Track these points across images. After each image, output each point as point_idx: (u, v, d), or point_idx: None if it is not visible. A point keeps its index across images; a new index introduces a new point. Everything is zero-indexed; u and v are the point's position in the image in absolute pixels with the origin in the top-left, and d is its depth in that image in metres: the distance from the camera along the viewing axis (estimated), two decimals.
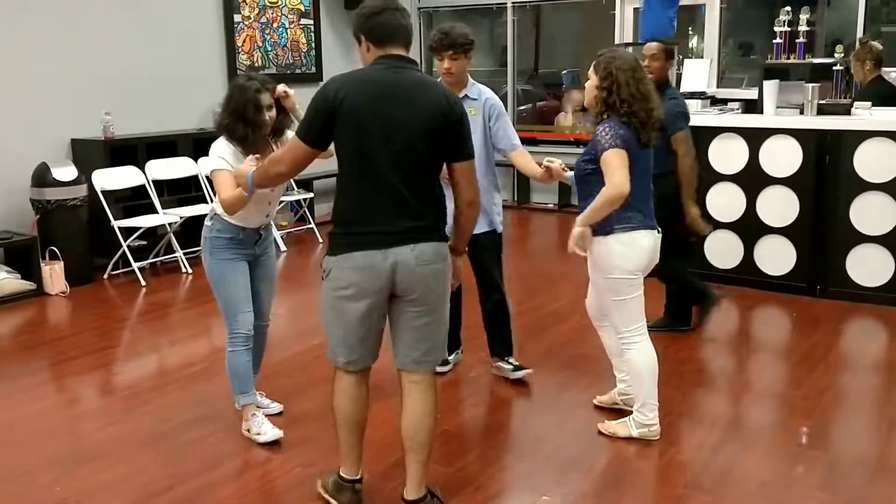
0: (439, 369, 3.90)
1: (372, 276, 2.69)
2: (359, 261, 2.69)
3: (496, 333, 4.24)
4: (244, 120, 3.35)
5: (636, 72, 3.35)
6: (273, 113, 3.44)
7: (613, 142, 3.28)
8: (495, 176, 4.14)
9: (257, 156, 3.24)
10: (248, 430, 3.61)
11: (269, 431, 3.57)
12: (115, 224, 6.24)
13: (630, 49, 6.45)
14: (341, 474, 3.02)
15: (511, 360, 4.20)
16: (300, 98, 3.51)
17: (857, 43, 6.35)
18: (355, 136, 2.66)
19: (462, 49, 3.84)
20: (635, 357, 3.51)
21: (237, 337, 3.54)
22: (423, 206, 2.73)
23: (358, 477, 3.02)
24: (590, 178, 3.42)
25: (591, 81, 3.42)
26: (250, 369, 3.61)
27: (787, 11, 6.63)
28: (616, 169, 3.25)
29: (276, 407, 3.88)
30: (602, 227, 3.39)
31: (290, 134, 3.38)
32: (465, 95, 3.94)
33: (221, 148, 3.39)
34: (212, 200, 7.06)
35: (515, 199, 9.21)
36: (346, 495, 3.00)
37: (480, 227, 4.04)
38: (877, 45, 6.18)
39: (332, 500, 3.03)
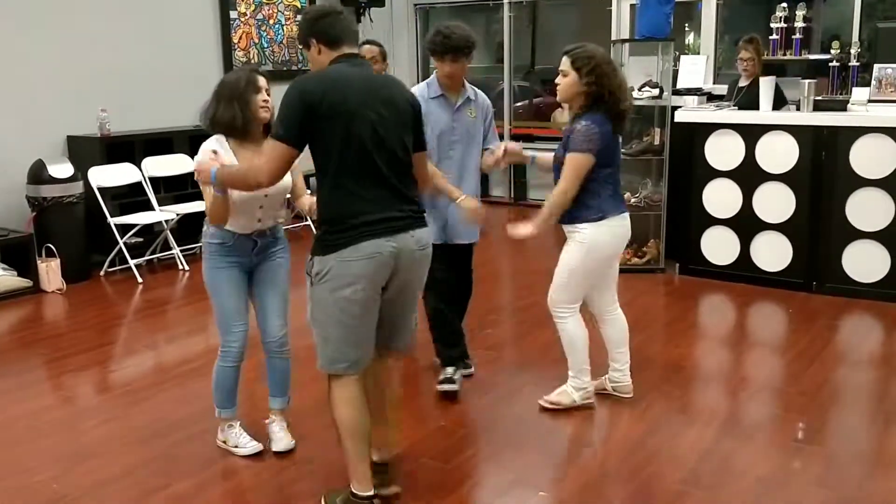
0: (450, 388, 3.98)
1: (380, 265, 2.69)
2: (367, 250, 2.66)
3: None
4: (239, 100, 3.18)
5: (613, 65, 3.57)
6: (269, 105, 3.29)
7: (588, 146, 3.43)
8: None
9: (217, 152, 3.09)
10: (225, 442, 3.46)
11: (248, 444, 3.43)
12: (112, 221, 6.23)
13: (627, 45, 6.45)
14: (354, 491, 2.85)
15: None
16: None
17: (746, 40, 6.35)
18: (346, 132, 2.66)
19: (465, 53, 3.79)
20: (571, 329, 3.71)
21: (228, 353, 3.32)
22: (412, 193, 2.84)
23: (372, 493, 2.87)
24: None
25: (571, 77, 3.51)
26: (236, 385, 3.42)
27: (784, 7, 6.64)
28: (574, 174, 3.46)
29: (283, 443, 3.47)
30: (593, 213, 3.53)
31: None
32: (467, 98, 3.92)
33: (207, 145, 3.20)
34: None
35: (511, 195, 9.23)
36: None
37: (473, 237, 4.04)
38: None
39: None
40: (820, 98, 5.71)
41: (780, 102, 5.96)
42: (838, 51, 6.45)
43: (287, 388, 3.53)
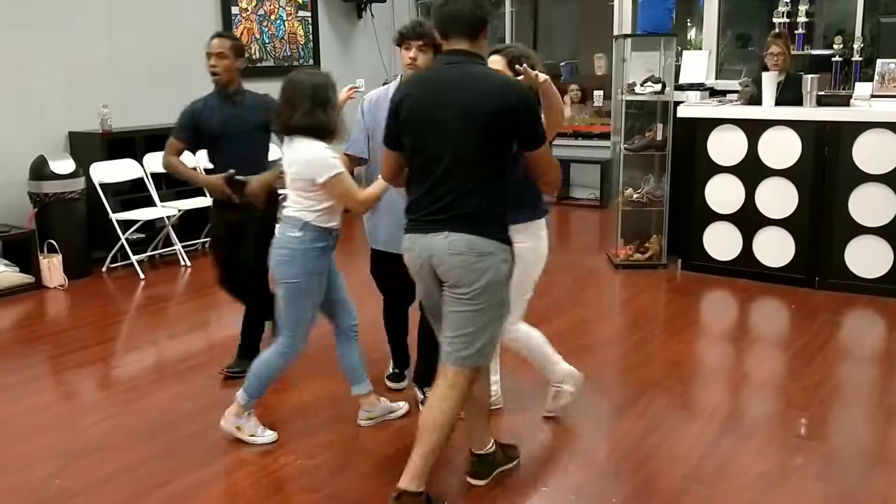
0: (394, 385, 3.99)
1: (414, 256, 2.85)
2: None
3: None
4: (330, 105, 3.25)
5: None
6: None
7: None
8: None
9: None
10: (239, 429, 3.49)
11: (266, 433, 3.51)
12: (114, 217, 6.23)
13: (629, 41, 6.43)
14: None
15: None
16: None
17: (774, 35, 6.31)
18: (413, 135, 2.75)
19: (432, 41, 3.64)
20: (531, 336, 3.56)
21: (296, 351, 3.43)
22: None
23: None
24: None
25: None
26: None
27: (786, 3, 6.63)
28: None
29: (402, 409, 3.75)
30: (542, 211, 3.38)
31: None
32: None
33: (328, 149, 3.22)
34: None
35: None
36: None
37: None
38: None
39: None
40: (823, 93, 5.70)
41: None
42: (841, 46, 6.44)
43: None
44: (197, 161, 6.88)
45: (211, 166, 4.29)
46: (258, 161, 4.15)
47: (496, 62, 3.13)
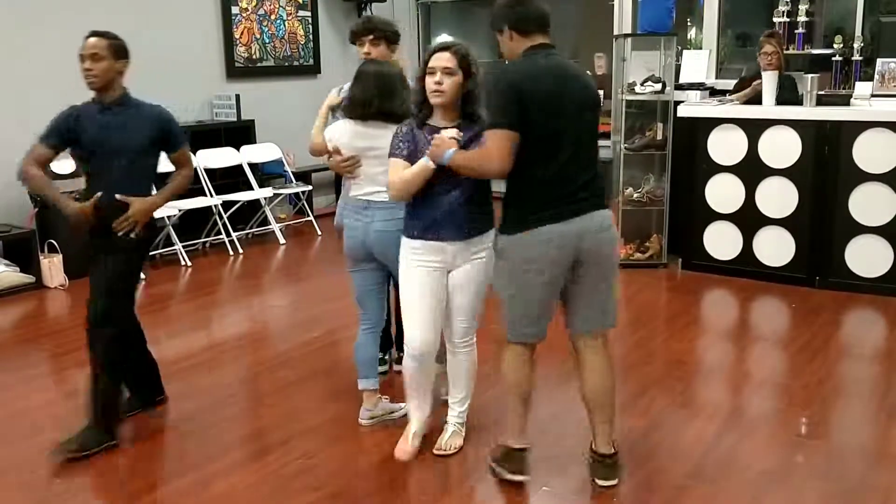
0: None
1: (564, 245, 2.89)
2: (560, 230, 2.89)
3: None
4: (408, 96, 3.34)
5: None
6: None
7: None
8: None
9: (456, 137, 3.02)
10: (373, 418, 3.63)
11: (401, 405, 3.62)
12: None
13: (629, 40, 6.43)
14: (510, 445, 3.17)
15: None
16: (299, 91, 3.54)
17: (767, 34, 6.31)
18: (546, 119, 2.83)
19: (384, 35, 3.77)
20: (474, 356, 3.46)
21: (381, 325, 3.67)
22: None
23: (526, 445, 3.18)
24: None
25: (457, 78, 3.04)
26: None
27: (787, 2, 6.63)
28: None
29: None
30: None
31: None
32: None
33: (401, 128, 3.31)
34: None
35: None
36: (514, 463, 3.15)
37: None
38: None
39: (501, 469, 3.16)
40: (823, 93, 5.70)
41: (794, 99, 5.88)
42: (841, 45, 6.44)
43: None
44: (197, 161, 6.88)
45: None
46: (139, 183, 3.52)
47: (447, 59, 3.05)
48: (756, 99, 5.86)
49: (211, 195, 6.92)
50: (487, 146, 2.86)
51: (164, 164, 3.70)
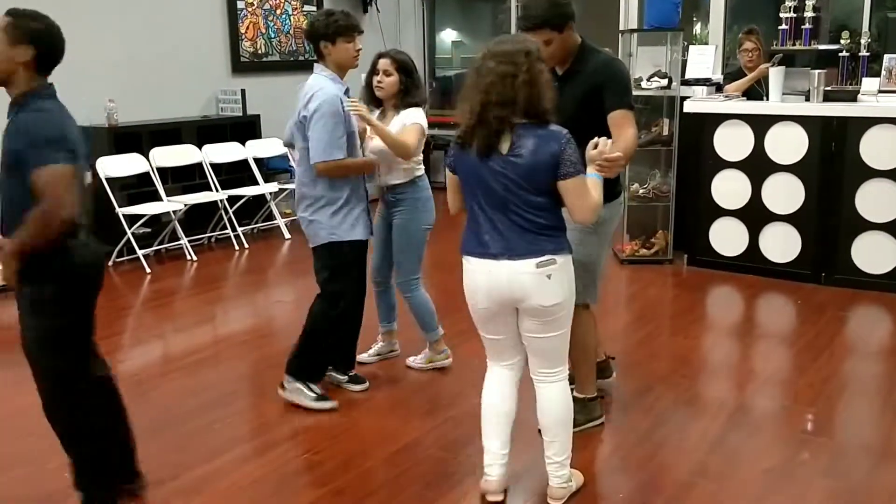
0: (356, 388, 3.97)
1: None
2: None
3: None
4: None
5: None
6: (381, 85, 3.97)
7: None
8: None
9: None
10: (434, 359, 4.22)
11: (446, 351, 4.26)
12: (120, 211, 6.24)
13: (635, 35, 6.41)
14: (592, 395, 3.55)
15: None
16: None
17: (746, 32, 6.33)
18: None
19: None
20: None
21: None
22: None
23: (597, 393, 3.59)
24: None
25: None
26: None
27: None
28: None
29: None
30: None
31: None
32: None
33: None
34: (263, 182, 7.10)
35: None
36: (599, 407, 3.58)
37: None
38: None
39: (594, 422, 3.54)
40: (829, 88, 5.67)
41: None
42: (848, 41, 6.40)
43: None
44: (203, 155, 6.89)
45: None
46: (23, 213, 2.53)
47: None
48: (754, 94, 5.86)
49: (216, 190, 6.93)
50: (632, 127, 3.20)
51: (166, 160, 3.70)
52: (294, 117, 3.68)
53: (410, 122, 3.85)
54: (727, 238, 5.89)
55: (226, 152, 7.15)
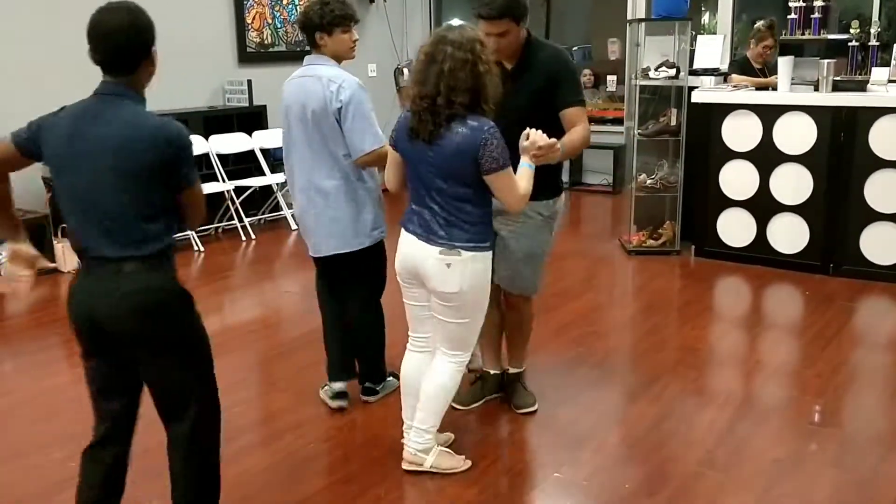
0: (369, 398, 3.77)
1: None
2: None
3: None
4: None
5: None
6: None
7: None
8: None
9: None
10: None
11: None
12: None
13: (643, 25, 6.38)
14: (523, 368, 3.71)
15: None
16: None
17: (768, 27, 6.33)
18: None
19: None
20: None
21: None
22: None
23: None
24: None
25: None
26: None
27: None
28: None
29: None
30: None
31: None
32: None
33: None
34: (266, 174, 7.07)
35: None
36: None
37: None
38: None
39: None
40: (839, 78, 5.64)
41: None
42: (858, 30, 6.36)
43: None
44: (210, 146, 6.89)
45: None
46: None
47: None
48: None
49: (223, 180, 6.93)
50: (585, 122, 3.18)
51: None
52: (312, 109, 3.36)
53: None
54: (735, 229, 5.87)
55: (232, 143, 7.15)
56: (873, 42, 6.37)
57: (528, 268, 3.38)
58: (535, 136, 2.86)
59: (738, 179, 5.79)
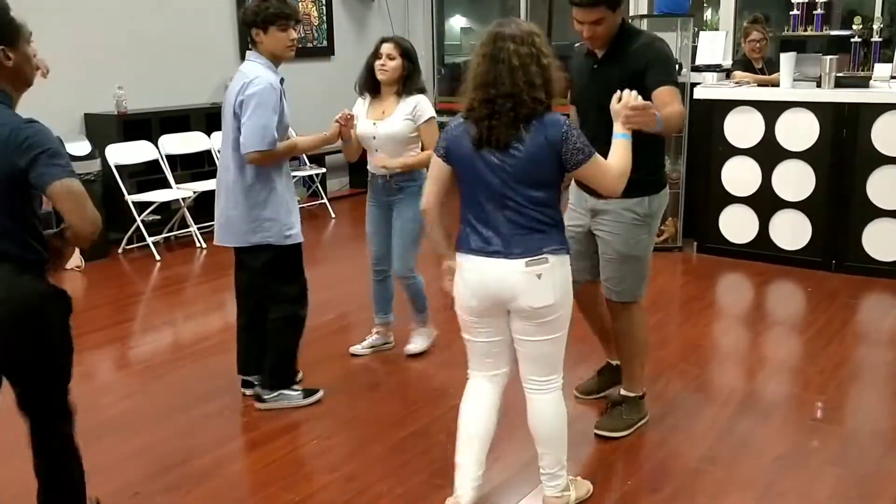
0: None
1: None
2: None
3: None
4: None
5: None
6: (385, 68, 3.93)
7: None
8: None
9: None
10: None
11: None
12: (129, 199, 6.25)
13: (645, 21, 6.37)
14: (641, 394, 3.46)
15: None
16: (313, 73, 3.51)
17: (751, 21, 6.36)
18: None
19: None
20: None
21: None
22: None
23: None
24: None
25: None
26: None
27: None
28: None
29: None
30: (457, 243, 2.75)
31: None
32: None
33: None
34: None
35: None
36: (645, 405, 3.49)
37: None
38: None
39: (643, 420, 3.45)
40: (841, 74, 5.63)
41: None
42: (860, 26, 6.35)
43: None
44: (212, 143, 6.89)
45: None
46: None
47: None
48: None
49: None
50: (680, 105, 3.03)
51: (175, 148, 3.67)
52: (228, 103, 3.50)
53: (427, 117, 3.90)
54: (737, 225, 5.87)
55: None
56: (876, 38, 6.36)
57: (620, 271, 3.19)
58: (627, 97, 2.62)
59: (740, 176, 5.78)
